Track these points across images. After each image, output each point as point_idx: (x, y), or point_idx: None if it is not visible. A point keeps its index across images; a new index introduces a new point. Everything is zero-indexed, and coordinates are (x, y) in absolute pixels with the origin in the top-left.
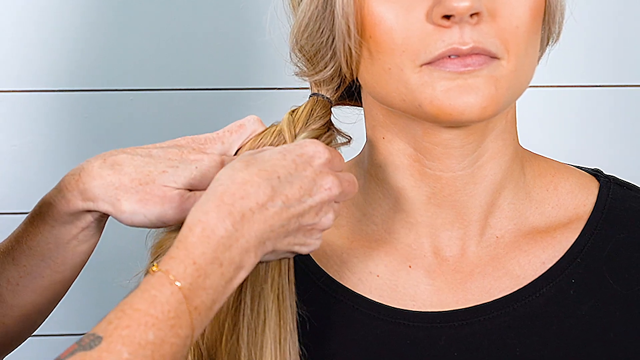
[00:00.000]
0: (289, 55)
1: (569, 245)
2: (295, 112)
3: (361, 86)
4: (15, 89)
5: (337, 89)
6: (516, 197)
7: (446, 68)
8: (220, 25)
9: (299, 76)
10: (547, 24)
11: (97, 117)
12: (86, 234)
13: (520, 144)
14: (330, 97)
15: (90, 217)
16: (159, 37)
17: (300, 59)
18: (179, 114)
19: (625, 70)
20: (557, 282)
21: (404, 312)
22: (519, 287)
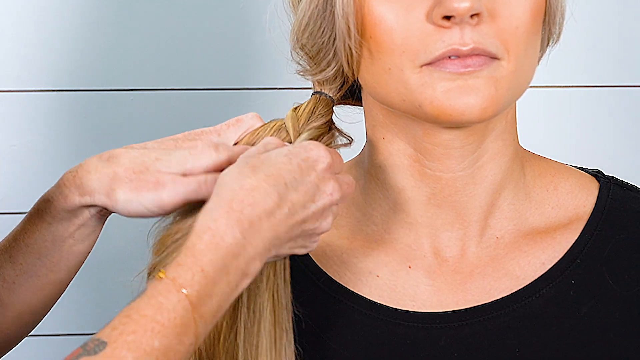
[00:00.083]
0: (290, 53)
1: (569, 246)
2: (297, 109)
3: (361, 86)
4: (15, 89)
5: (340, 88)
6: (516, 198)
7: (446, 69)
8: (220, 25)
9: (302, 75)
10: (548, 24)
11: (97, 117)
12: (82, 232)
13: (521, 144)
14: (332, 96)
15: (87, 214)
16: (158, 37)
17: (302, 57)
18: (178, 114)
19: (626, 70)
20: (557, 282)
21: (403, 313)
22: (519, 288)
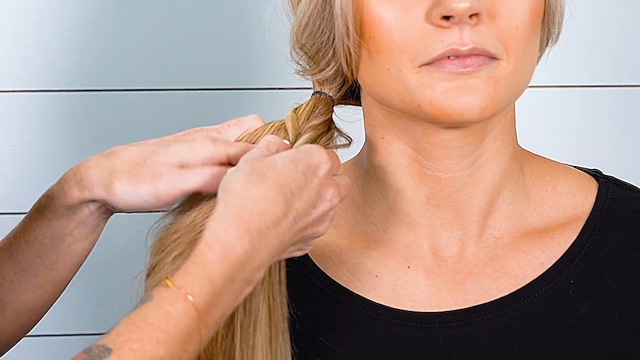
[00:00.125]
0: (290, 53)
1: (568, 246)
2: (298, 109)
3: (360, 87)
4: (15, 89)
5: (340, 88)
6: (515, 198)
7: (445, 69)
8: (220, 25)
9: (302, 75)
10: (547, 24)
11: (96, 117)
12: (81, 231)
13: (520, 144)
14: (333, 96)
15: (87, 211)
16: (158, 37)
17: (302, 57)
18: (178, 114)
19: (625, 70)
20: (556, 282)
21: (402, 313)
22: (518, 288)
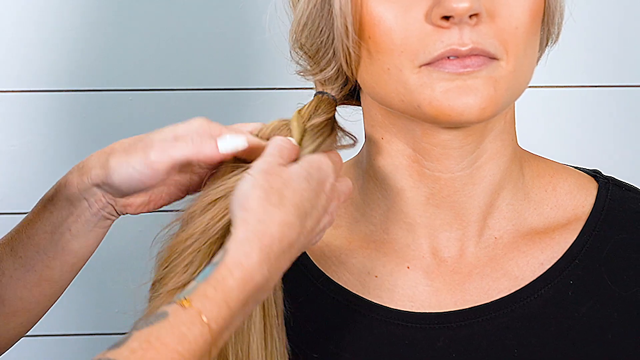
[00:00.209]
0: (290, 53)
1: (568, 246)
2: (301, 110)
3: (360, 87)
4: (15, 89)
5: (342, 88)
6: (515, 198)
7: (445, 69)
8: (220, 25)
9: (302, 75)
10: (546, 24)
11: (96, 117)
12: (79, 227)
13: (520, 144)
14: (335, 96)
15: (85, 204)
16: (158, 37)
17: (302, 57)
18: (178, 114)
19: (625, 70)
20: (556, 283)
21: (402, 313)
22: (518, 288)
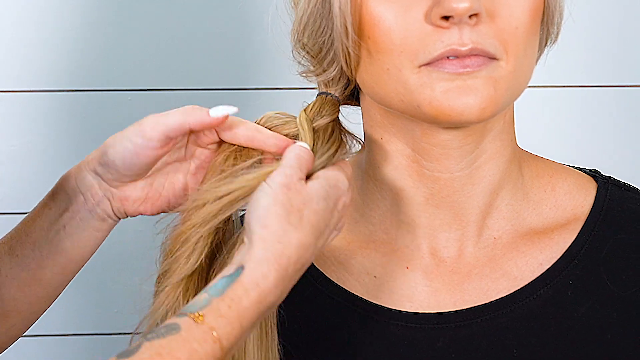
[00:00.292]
0: (292, 53)
1: (567, 247)
2: (306, 110)
3: (359, 87)
4: (15, 89)
5: (345, 89)
6: (514, 198)
7: (445, 69)
8: (220, 25)
9: (306, 76)
10: (546, 24)
11: (96, 117)
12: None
13: (519, 144)
14: (338, 97)
15: (82, 198)
16: (158, 37)
17: (305, 57)
18: None
19: (625, 70)
20: (555, 283)
21: (401, 314)
22: (517, 289)
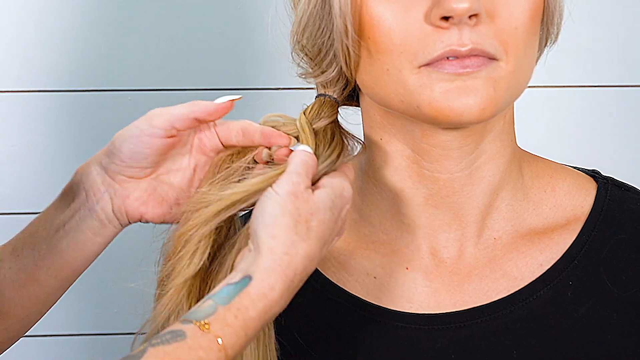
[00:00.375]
0: (291, 55)
1: (567, 247)
2: (305, 112)
3: (359, 87)
4: (15, 89)
5: (344, 90)
6: (514, 199)
7: (444, 69)
8: (220, 25)
9: (304, 78)
10: (546, 25)
11: (96, 117)
12: (72, 225)
13: (519, 144)
14: (337, 98)
15: (84, 194)
16: (158, 37)
17: (303, 59)
18: None
19: (625, 70)
20: (555, 284)
21: (401, 314)
22: (517, 289)
